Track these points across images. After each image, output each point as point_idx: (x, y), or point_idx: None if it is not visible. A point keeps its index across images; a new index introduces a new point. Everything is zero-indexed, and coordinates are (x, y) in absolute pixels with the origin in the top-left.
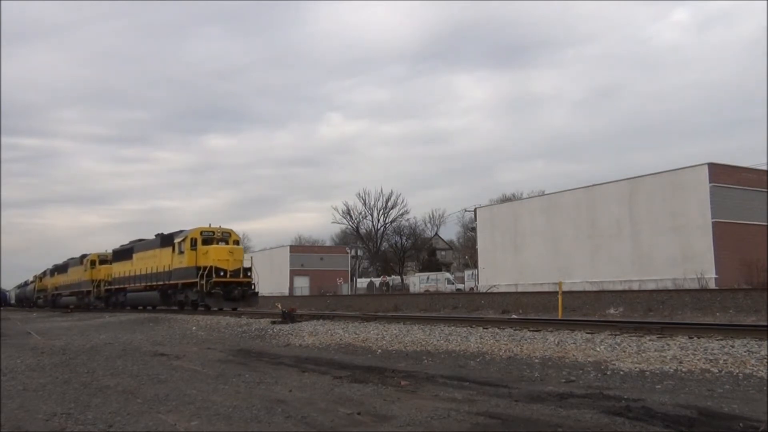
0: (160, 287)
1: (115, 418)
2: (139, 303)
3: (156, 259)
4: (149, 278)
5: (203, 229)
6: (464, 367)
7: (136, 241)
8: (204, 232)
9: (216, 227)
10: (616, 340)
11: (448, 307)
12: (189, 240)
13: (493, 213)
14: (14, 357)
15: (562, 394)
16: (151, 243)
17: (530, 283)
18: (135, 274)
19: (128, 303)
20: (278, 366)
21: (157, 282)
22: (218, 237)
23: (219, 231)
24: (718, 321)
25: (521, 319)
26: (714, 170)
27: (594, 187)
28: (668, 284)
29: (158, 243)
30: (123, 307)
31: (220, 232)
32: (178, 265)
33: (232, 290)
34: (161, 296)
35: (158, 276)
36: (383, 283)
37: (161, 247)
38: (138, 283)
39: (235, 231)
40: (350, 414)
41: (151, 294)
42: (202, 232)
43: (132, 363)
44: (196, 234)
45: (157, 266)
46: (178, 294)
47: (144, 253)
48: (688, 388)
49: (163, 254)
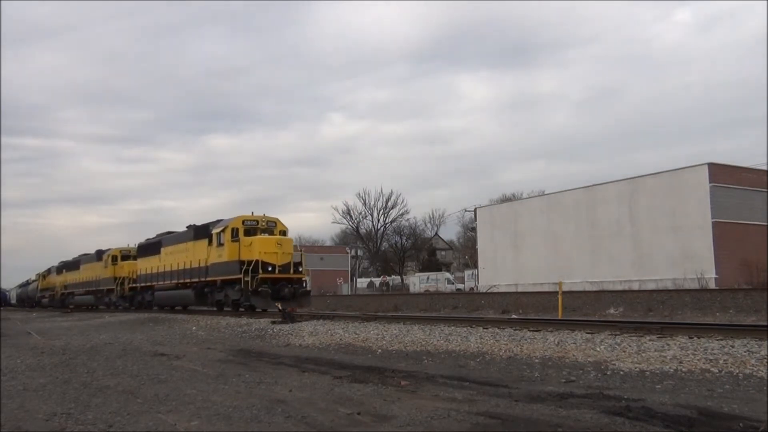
0: (195, 285)
1: (115, 418)
2: (169, 302)
3: (189, 253)
4: (181, 275)
5: (246, 217)
6: (464, 367)
7: (164, 234)
8: (246, 221)
9: (260, 215)
10: (616, 340)
11: (448, 307)
12: (230, 230)
13: (493, 213)
14: (14, 357)
15: (562, 394)
16: (183, 235)
17: (530, 283)
18: (164, 270)
19: (156, 302)
20: (278, 366)
21: (190, 279)
22: (262, 227)
23: (264, 219)
24: (718, 321)
25: (521, 319)
26: (714, 170)
27: (594, 187)
28: (668, 284)
29: (191, 235)
30: (150, 307)
31: (264, 220)
32: (216, 260)
33: (282, 288)
34: (196, 295)
35: (192, 272)
36: (383, 283)
37: (195, 239)
38: (167, 281)
39: (281, 220)
40: (350, 414)
41: (184, 293)
42: (245, 221)
43: (132, 363)
44: (237, 223)
45: (191, 261)
46: (216, 292)
47: (174, 246)
48: (688, 388)
49: (197, 248)
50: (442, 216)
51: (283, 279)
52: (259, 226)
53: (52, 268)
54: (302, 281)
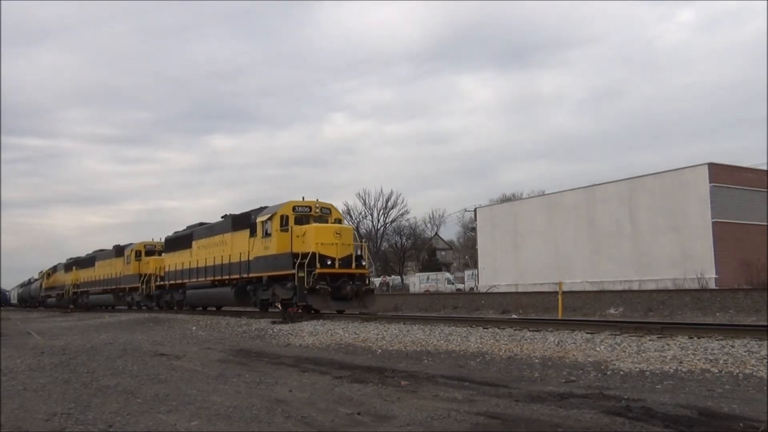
0: (235, 282)
1: (115, 418)
2: (203, 302)
3: (226, 246)
4: (217, 270)
5: (296, 203)
6: (464, 367)
7: (195, 225)
8: (297, 208)
9: (312, 201)
10: (616, 340)
11: (448, 307)
12: (278, 218)
13: (493, 213)
14: (14, 357)
15: (562, 394)
16: (219, 226)
17: (530, 283)
18: (197, 266)
19: (188, 302)
20: (278, 366)
21: (229, 275)
22: (315, 214)
23: (317, 206)
24: (718, 321)
25: (521, 319)
26: (714, 170)
27: (594, 187)
28: (668, 284)
29: (229, 225)
30: (180, 307)
31: (318, 207)
32: (261, 253)
33: (343, 286)
34: (236, 293)
35: (231, 268)
36: (383, 283)
37: (234, 230)
38: (201, 278)
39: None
40: (350, 414)
41: (222, 291)
42: (296, 208)
43: (132, 363)
44: (287, 210)
45: (229, 255)
46: (260, 291)
47: (208, 239)
48: (688, 388)
49: (237, 239)
50: (442, 216)
51: (344, 275)
52: (311, 213)
53: (58, 265)
54: (365, 277)
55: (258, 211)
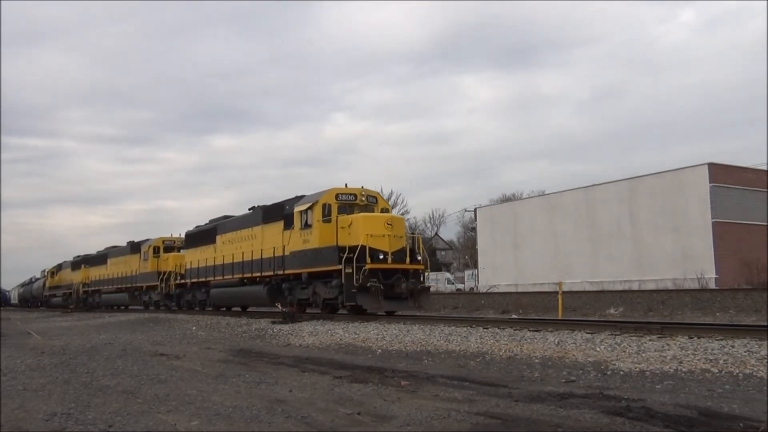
0: (268, 280)
1: (115, 418)
2: (230, 302)
3: (256, 240)
4: (247, 267)
5: (340, 190)
6: (464, 367)
7: (219, 218)
8: (341, 195)
9: (357, 188)
10: (616, 340)
11: (448, 307)
12: (320, 207)
13: (493, 213)
14: (14, 357)
15: (562, 394)
16: (246, 219)
17: (530, 283)
18: (222, 262)
19: (214, 302)
20: (278, 366)
21: (261, 272)
22: (361, 203)
23: (363, 193)
24: (718, 321)
25: (521, 319)
26: (714, 170)
27: (594, 187)
28: (668, 284)
29: (259, 218)
30: (203, 307)
31: (364, 194)
32: (300, 247)
33: (398, 283)
34: (269, 292)
35: (263, 264)
36: None
37: (264, 222)
38: (225, 275)
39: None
40: (350, 414)
41: (253, 290)
42: (339, 195)
43: (132, 363)
44: (329, 198)
45: (260, 250)
46: (298, 289)
47: (235, 233)
48: (688, 388)
49: (269, 233)
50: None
51: (398, 270)
52: (357, 201)
53: (64, 263)
54: (421, 274)
55: (293, 201)
